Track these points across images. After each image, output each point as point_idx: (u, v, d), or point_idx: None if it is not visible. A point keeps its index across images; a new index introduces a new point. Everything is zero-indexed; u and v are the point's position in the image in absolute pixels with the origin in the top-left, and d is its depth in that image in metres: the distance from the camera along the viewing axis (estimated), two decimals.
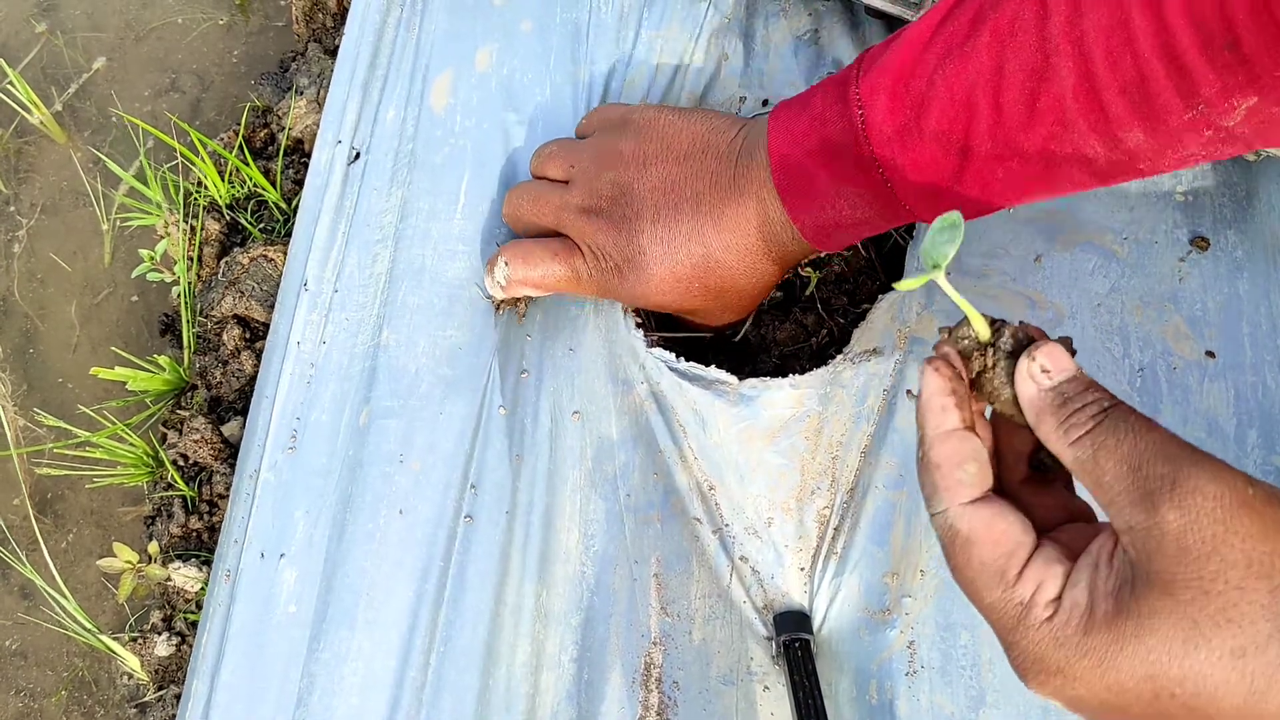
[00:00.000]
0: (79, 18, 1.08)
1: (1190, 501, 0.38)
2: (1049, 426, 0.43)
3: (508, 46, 0.80)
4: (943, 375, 0.46)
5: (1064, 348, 0.44)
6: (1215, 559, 0.37)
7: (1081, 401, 0.42)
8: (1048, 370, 0.43)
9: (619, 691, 0.65)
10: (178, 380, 0.88)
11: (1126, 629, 0.39)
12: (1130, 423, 0.41)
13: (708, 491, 0.68)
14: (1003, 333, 0.46)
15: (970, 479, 0.44)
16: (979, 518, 0.43)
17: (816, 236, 0.64)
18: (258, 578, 0.70)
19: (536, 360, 0.72)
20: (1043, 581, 0.42)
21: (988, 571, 0.43)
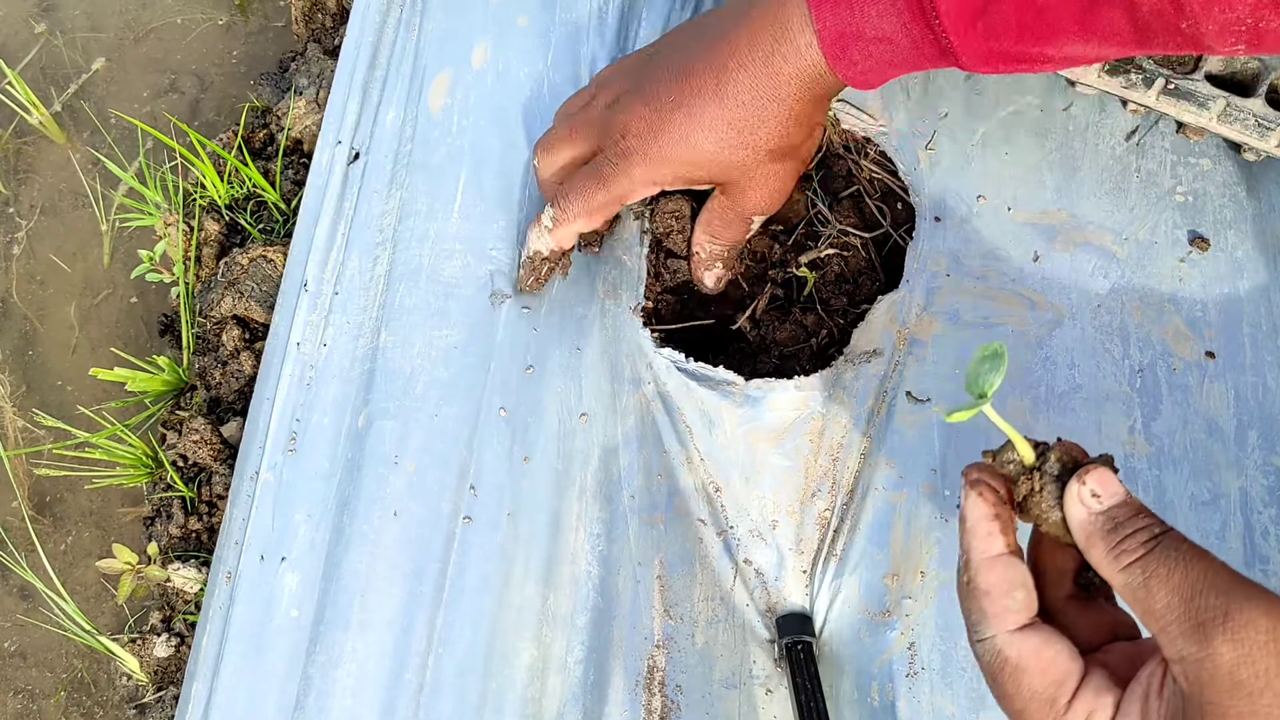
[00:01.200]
0: (78, 18, 1.08)
1: (1244, 635, 0.38)
2: (1099, 551, 0.43)
3: (503, 42, 0.80)
4: (987, 500, 0.46)
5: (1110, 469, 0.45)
6: (1269, 693, 0.38)
7: (1133, 527, 0.43)
8: (1098, 495, 0.44)
9: (622, 694, 0.65)
10: (177, 381, 0.88)
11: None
12: (1182, 551, 0.41)
13: (713, 494, 0.68)
14: (1048, 456, 0.46)
15: (1019, 605, 0.45)
16: (1029, 645, 0.44)
17: (835, 45, 0.59)
18: (258, 580, 0.70)
19: (543, 358, 0.72)
20: (1093, 711, 0.42)
21: (1038, 700, 0.43)
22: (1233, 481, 0.67)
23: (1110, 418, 0.69)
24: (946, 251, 0.73)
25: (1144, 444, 0.68)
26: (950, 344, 0.71)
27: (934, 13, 0.55)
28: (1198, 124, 0.72)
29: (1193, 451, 0.68)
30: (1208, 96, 0.70)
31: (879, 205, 0.77)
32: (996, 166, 0.75)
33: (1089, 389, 0.69)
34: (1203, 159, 0.75)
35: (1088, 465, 0.45)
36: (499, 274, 0.73)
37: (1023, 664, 0.44)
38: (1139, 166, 0.75)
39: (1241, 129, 0.70)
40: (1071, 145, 0.75)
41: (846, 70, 0.60)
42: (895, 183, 0.76)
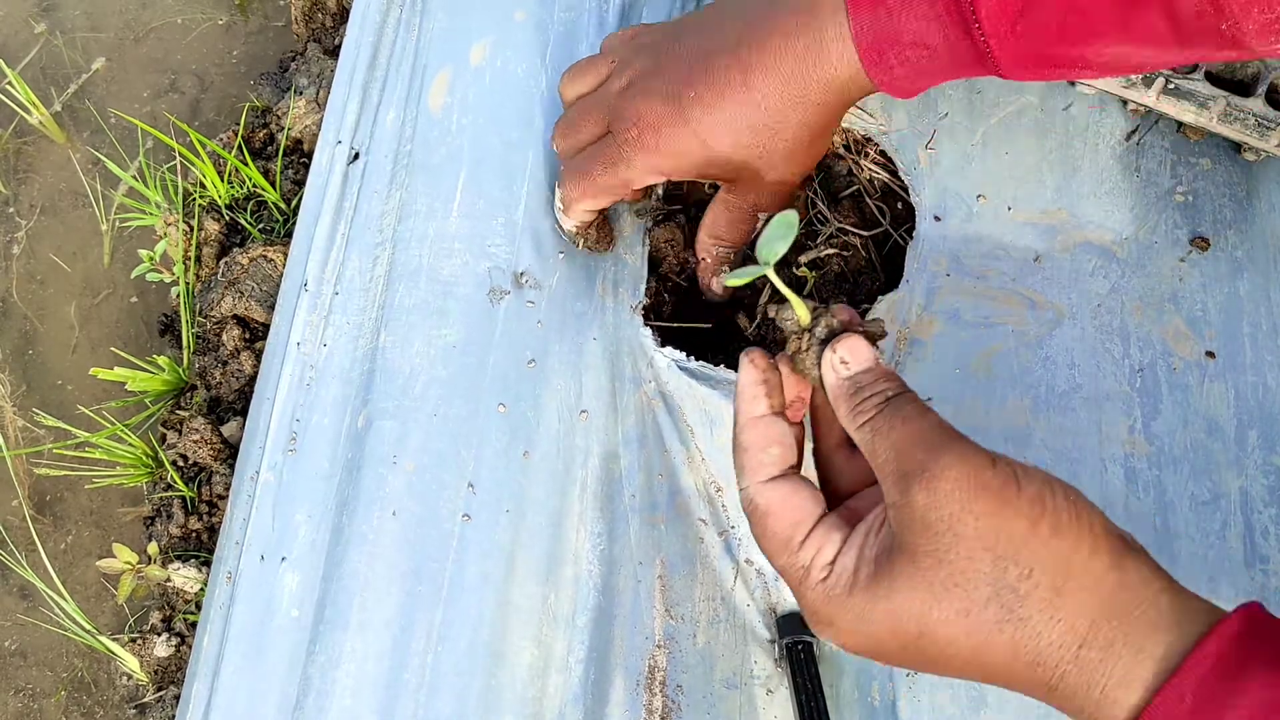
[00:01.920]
0: (78, 18, 1.08)
1: (935, 485, 0.44)
2: (843, 410, 0.50)
3: (502, 38, 0.80)
4: (757, 366, 0.52)
5: (867, 340, 0.51)
6: (950, 534, 0.44)
7: (871, 391, 0.49)
8: (846, 362, 0.50)
9: (623, 695, 0.65)
10: (177, 381, 0.88)
11: (880, 591, 0.45)
12: (905, 412, 0.48)
13: (714, 493, 0.68)
14: (819, 321, 0.52)
15: (772, 460, 0.51)
16: (776, 494, 0.50)
17: (872, 51, 0.58)
18: (258, 580, 0.70)
19: (543, 354, 0.71)
20: (821, 548, 0.49)
21: (778, 540, 0.50)
22: (1233, 481, 0.67)
23: (1110, 417, 0.69)
24: (946, 251, 0.73)
25: (1144, 443, 0.68)
26: (950, 344, 0.71)
27: (974, 18, 0.54)
28: (1198, 124, 0.72)
29: (1193, 451, 0.68)
30: (1208, 96, 0.70)
31: (879, 205, 0.77)
32: (996, 166, 0.75)
33: (1089, 388, 0.69)
34: (1203, 159, 0.75)
35: (844, 334, 0.51)
36: (498, 270, 0.73)
37: (769, 509, 0.50)
38: (1139, 166, 0.75)
39: (1241, 129, 0.71)
40: (1071, 145, 0.75)
41: (883, 77, 0.59)
42: (895, 182, 0.76)
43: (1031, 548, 0.44)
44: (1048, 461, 0.68)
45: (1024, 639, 0.44)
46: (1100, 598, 0.44)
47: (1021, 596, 0.44)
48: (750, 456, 0.52)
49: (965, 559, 0.44)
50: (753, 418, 0.52)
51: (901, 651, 0.46)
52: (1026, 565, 0.44)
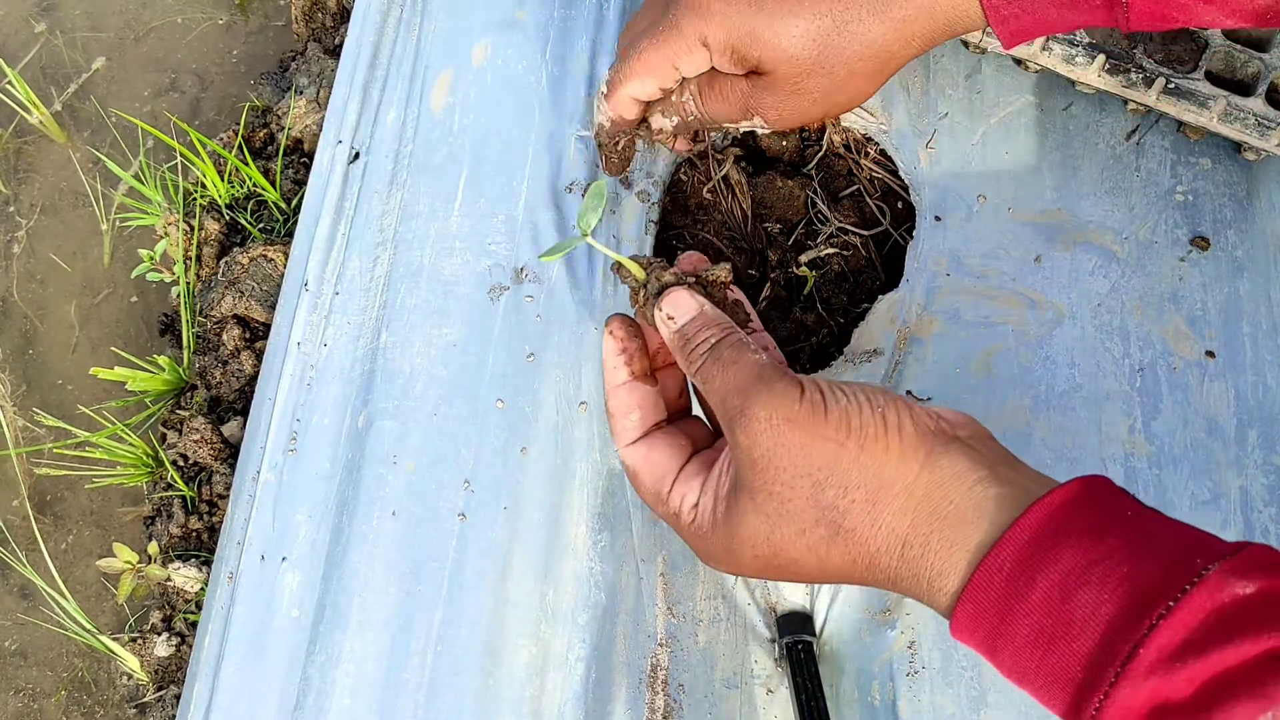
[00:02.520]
0: (78, 18, 1.08)
1: (750, 426, 0.49)
2: (680, 362, 0.54)
3: (503, 37, 0.80)
4: (615, 336, 0.56)
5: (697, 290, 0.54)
6: (771, 468, 0.48)
7: (697, 340, 0.53)
8: (673, 316, 0.54)
9: (625, 693, 0.65)
10: (177, 380, 0.88)
11: (733, 525, 0.50)
12: (723, 358, 0.51)
13: None
14: (650, 277, 0.55)
15: (634, 424, 0.56)
16: (639, 454, 0.56)
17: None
18: (259, 580, 0.70)
19: (541, 347, 0.71)
20: (685, 495, 0.54)
21: (650, 494, 0.55)
22: (1233, 480, 0.67)
23: (1110, 417, 0.69)
24: (947, 251, 0.73)
25: (1144, 443, 0.68)
26: (951, 343, 0.71)
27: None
28: (1198, 123, 0.72)
29: (1193, 450, 0.68)
30: (1208, 96, 0.70)
31: (879, 204, 0.77)
32: (997, 166, 0.75)
33: (1089, 388, 0.69)
34: (1203, 158, 0.75)
35: (668, 288, 0.54)
36: (498, 268, 0.73)
37: (637, 469, 0.56)
38: (1139, 166, 0.75)
39: (1242, 128, 0.71)
40: (1071, 145, 0.75)
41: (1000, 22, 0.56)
42: (895, 181, 0.77)
43: (843, 467, 0.48)
44: (1048, 461, 0.68)
45: (855, 548, 0.48)
46: (915, 500, 0.47)
47: (842, 512, 0.48)
48: (616, 422, 0.57)
49: (788, 488, 0.48)
50: (615, 385, 0.56)
51: (768, 570, 0.51)
52: (841, 484, 0.48)
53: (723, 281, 0.56)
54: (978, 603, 0.45)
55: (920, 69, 0.77)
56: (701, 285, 0.56)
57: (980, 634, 0.45)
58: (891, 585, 0.49)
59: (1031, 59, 0.73)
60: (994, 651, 0.45)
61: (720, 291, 0.56)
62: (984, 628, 0.45)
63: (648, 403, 0.57)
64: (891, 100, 0.77)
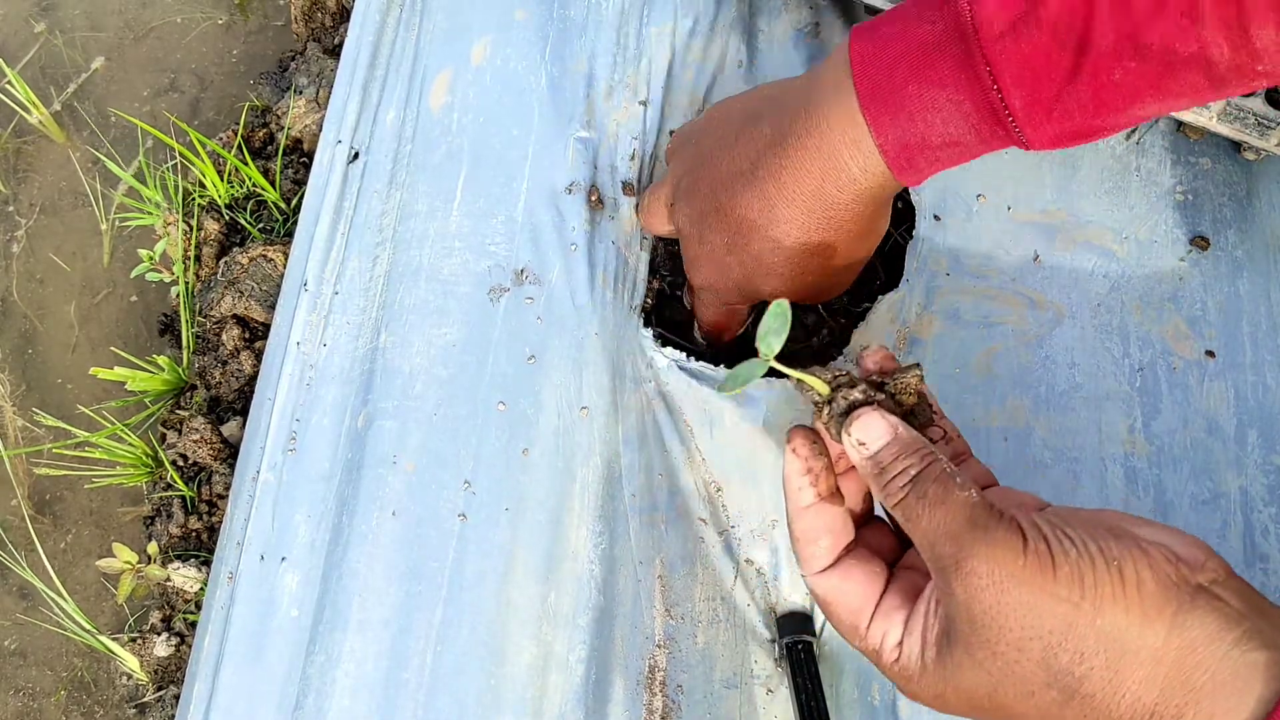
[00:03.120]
0: (78, 17, 1.08)
1: (970, 581, 0.44)
2: (874, 490, 0.49)
3: (502, 37, 0.80)
4: (799, 455, 0.51)
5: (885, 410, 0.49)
6: (995, 627, 0.44)
7: (894, 471, 0.48)
8: (864, 443, 0.49)
9: (623, 694, 0.65)
10: (177, 380, 0.88)
11: (946, 674, 0.46)
12: (929, 496, 0.47)
13: (714, 493, 0.68)
14: (837, 394, 0.50)
15: (824, 550, 0.51)
16: (830, 584, 0.51)
17: (900, 158, 0.57)
18: (258, 580, 0.70)
19: (542, 349, 0.71)
20: (886, 632, 0.49)
21: (845, 626, 0.51)
22: (1233, 480, 0.67)
23: (1110, 417, 0.69)
24: (946, 251, 0.73)
25: (1144, 443, 0.68)
26: (951, 343, 0.71)
27: (1006, 111, 0.53)
28: (1197, 123, 0.72)
29: (1193, 450, 0.68)
30: None
31: None
32: (996, 165, 0.75)
33: (1089, 388, 0.69)
34: (1202, 158, 0.75)
35: (858, 411, 0.50)
36: (498, 268, 0.73)
37: (829, 599, 0.51)
38: (1139, 165, 0.75)
39: (1241, 128, 0.71)
40: None
41: (911, 179, 0.58)
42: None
43: (1078, 631, 0.43)
44: (1048, 461, 0.68)
45: (1093, 714, 0.44)
46: (1164, 668, 0.42)
47: (1079, 679, 0.43)
48: (803, 548, 0.52)
49: (1014, 649, 0.44)
50: (801, 508, 0.52)
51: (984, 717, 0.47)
52: (1077, 650, 0.43)
53: (914, 389, 0.52)
54: None
55: None
56: (890, 396, 0.51)
57: None
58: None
59: None
60: None
61: (910, 397, 0.52)
62: None
63: (837, 525, 0.52)
64: None
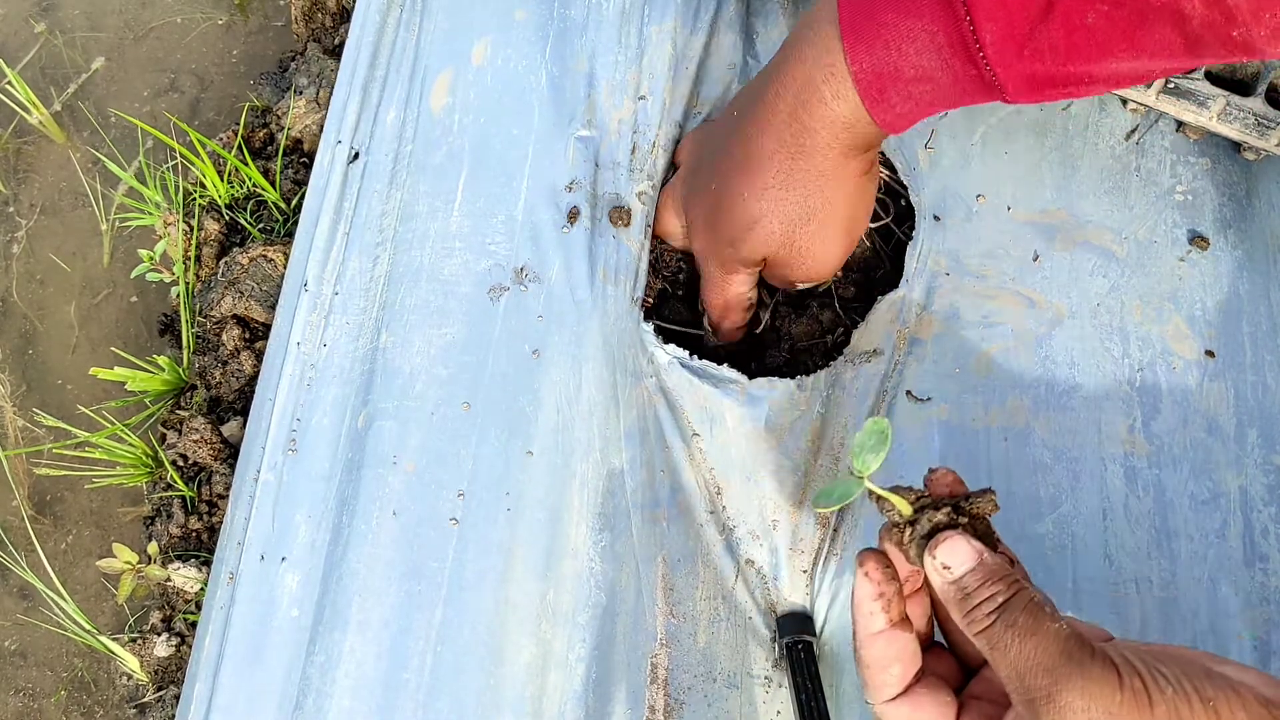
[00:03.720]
0: (78, 18, 1.08)
1: (1064, 715, 0.43)
2: (955, 615, 0.48)
3: (503, 38, 0.80)
4: (872, 580, 0.50)
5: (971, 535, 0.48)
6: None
7: (980, 597, 0.47)
8: (949, 566, 0.48)
9: (626, 692, 0.65)
10: (177, 380, 0.88)
11: None
12: (1019, 625, 0.45)
13: (715, 492, 0.68)
14: (921, 516, 0.49)
15: (894, 678, 0.50)
16: (902, 714, 0.50)
17: (873, 88, 0.56)
18: (258, 580, 0.70)
19: (543, 346, 0.71)
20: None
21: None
22: (1232, 480, 0.67)
23: (1110, 417, 0.69)
24: (946, 251, 0.73)
25: (1144, 443, 0.68)
26: (951, 343, 0.71)
27: (977, 45, 0.53)
28: (1197, 123, 0.72)
29: (1192, 450, 0.68)
30: (1207, 95, 0.70)
31: (881, 199, 0.77)
32: (996, 165, 0.75)
33: (1089, 388, 0.69)
34: (1202, 158, 0.75)
35: (942, 534, 0.48)
36: (498, 268, 0.73)
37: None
38: (1139, 165, 0.75)
39: (1241, 128, 0.71)
40: (1071, 144, 0.75)
41: (884, 114, 0.58)
42: (895, 179, 0.77)
43: None
44: (1048, 461, 0.68)
45: None
46: None
47: None
48: (873, 675, 0.51)
49: None
50: (871, 634, 0.51)
51: None
52: None
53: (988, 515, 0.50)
54: None
55: None
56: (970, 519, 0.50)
57: None
58: None
59: None
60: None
61: (985, 524, 0.50)
62: None
63: (907, 652, 0.51)
64: None
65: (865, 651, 0.51)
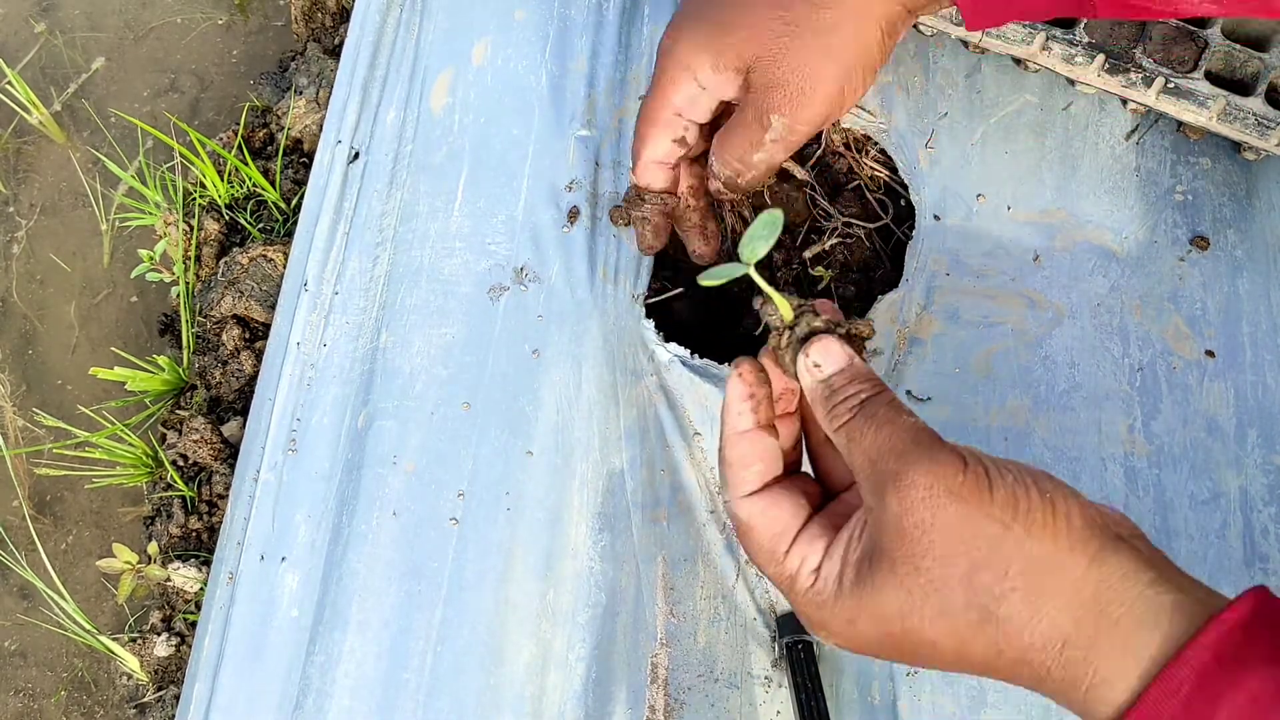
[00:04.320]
0: (78, 18, 1.08)
1: (906, 493, 0.45)
2: (819, 413, 0.50)
3: (502, 37, 0.80)
4: (744, 381, 0.52)
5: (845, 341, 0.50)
6: (924, 541, 0.44)
7: (844, 394, 0.49)
8: (819, 365, 0.50)
9: (626, 692, 0.65)
10: (177, 380, 0.88)
11: (864, 596, 0.46)
12: (878, 416, 0.48)
13: (715, 493, 0.68)
14: (800, 319, 0.51)
15: (754, 476, 0.51)
16: (756, 508, 0.51)
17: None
18: (258, 580, 0.70)
19: (543, 345, 0.71)
20: (805, 557, 0.49)
21: (763, 551, 0.50)
22: (1232, 480, 0.67)
23: (1110, 416, 0.69)
24: (946, 250, 0.73)
25: (1144, 443, 0.68)
26: (950, 343, 0.71)
27: None
28: (1197, 123, 0.72)
29: (1192, 450, 0.68)
30: (1207, 95, 0.70)
31: (880, 199, 0.77)
32: (996, 166, 0.75)
33: (1089, 388, 0.69)
34: (1202, 158, 0.75)
35: (817, 335, 0.50)
36: (498, 268, 0.73)
37: (751, 523, 0.51)
38: (1139, 165, 0.75)
39: (1241, 128, 0.71)
40: (1071, 144, 0.75)
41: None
42: (895, 179, 0.77)
43: (1005, 551, 0.44)
44: (1048, 461, 0.68)
45: (1005, 639, 0.44)
46: (1081, 597, 0.43)
47: (998, 598, 0.44)
48: (733, 472, 0.52)
49: (940, 564, 0.44)
50: (737, 433, 0.52)
51: (893, 649, 0.47)
52: (1001, 568, 0.44)
53: (865, 337, 0.52)
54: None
55: (920, 69, 0.77)
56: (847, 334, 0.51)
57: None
58: (1035, 684, 0.45)
59: (1031, 59, 0.73)
60: None
61: (861, 348, 0.52)
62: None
63: (769, 455, 0.52)
64: (891, 100, 0.77)
65: (729, 450, 0.52)
